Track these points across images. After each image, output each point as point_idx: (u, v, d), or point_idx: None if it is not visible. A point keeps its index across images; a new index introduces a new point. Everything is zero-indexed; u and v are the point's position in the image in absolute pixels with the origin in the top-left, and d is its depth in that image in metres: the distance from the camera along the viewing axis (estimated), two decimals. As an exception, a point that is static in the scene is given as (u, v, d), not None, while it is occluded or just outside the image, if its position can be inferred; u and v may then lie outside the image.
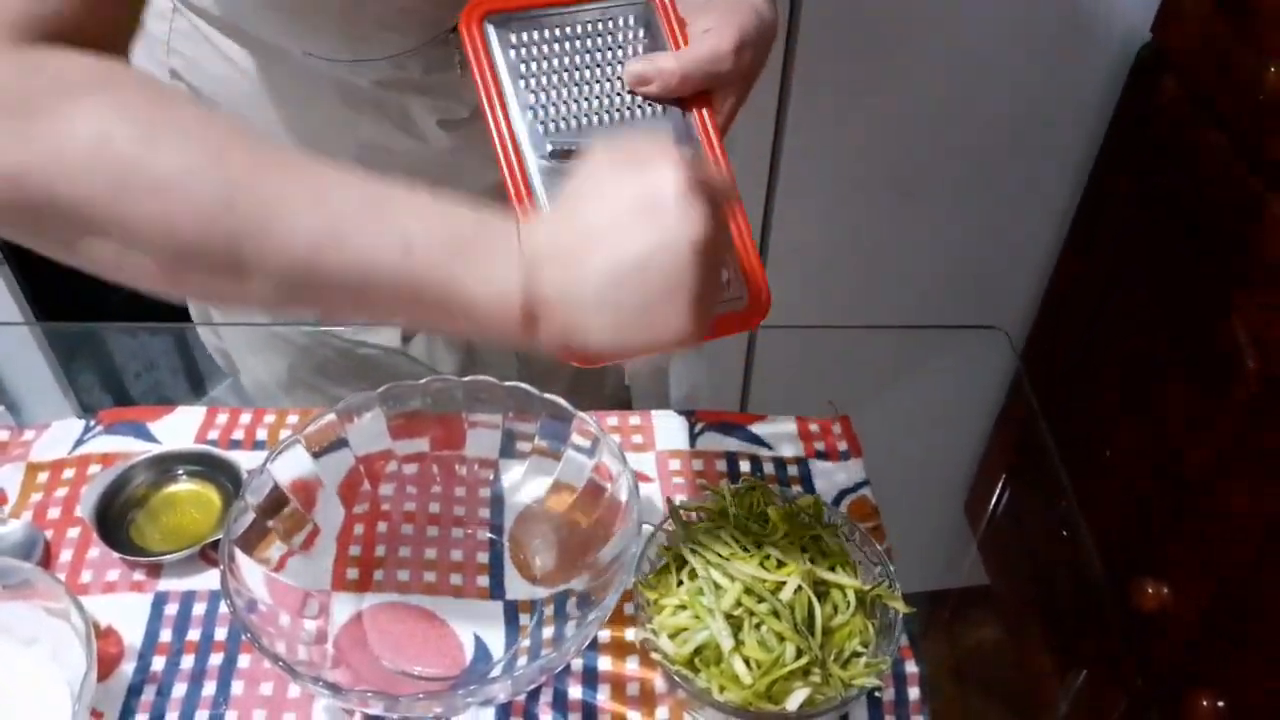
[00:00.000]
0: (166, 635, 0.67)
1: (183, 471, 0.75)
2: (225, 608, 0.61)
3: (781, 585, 0.62)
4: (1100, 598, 0.82)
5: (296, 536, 0.67)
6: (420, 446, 0.72)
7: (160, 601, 0.68)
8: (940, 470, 1.34)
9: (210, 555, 0.70)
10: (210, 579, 0.70)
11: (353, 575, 0.69)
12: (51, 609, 0.60)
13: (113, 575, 0.70)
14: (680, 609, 0.62)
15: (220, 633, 0.67)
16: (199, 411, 0.81)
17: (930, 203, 1.25)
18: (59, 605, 0.60)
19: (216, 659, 0.65)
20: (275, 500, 0.65)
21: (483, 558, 0.71)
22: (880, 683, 0.61)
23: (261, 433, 0.80)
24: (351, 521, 0.71)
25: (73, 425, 0.80)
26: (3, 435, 0.80)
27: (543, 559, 0.71)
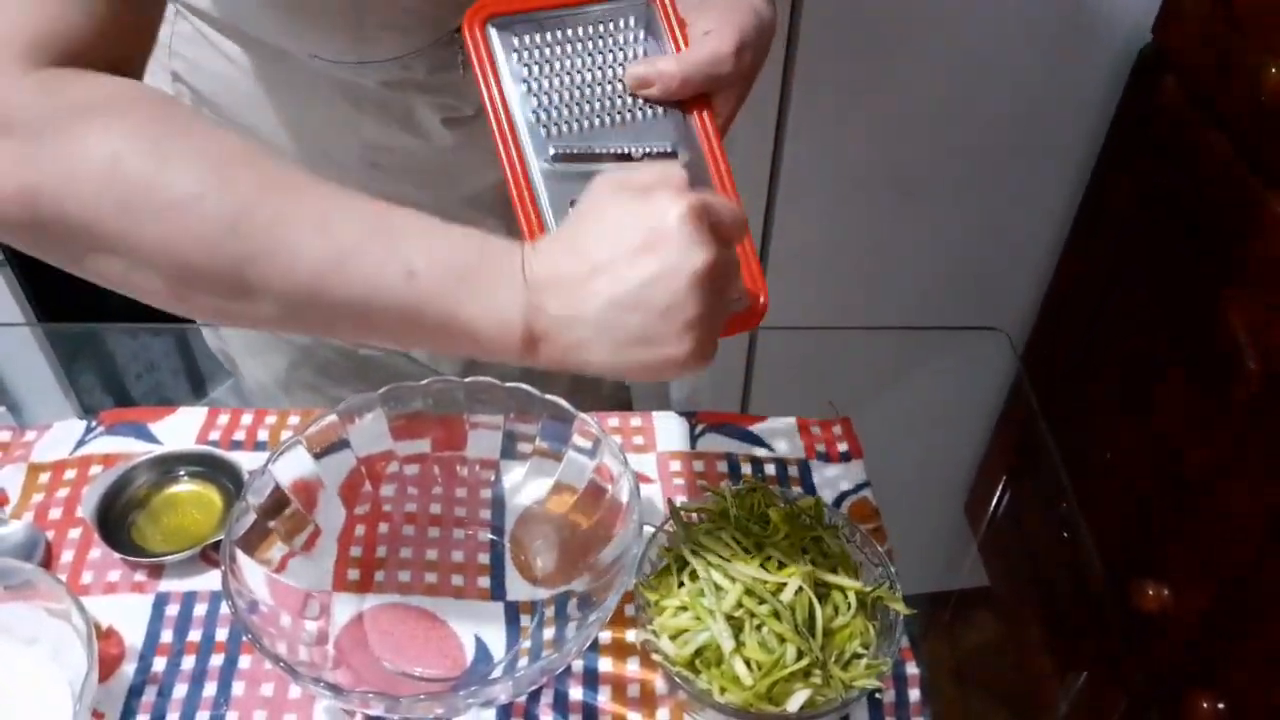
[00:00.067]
0: (167, 636, 0.67)
1: (184, 472, 0.75)
2: (226, 608, 0.61)
3: (782, 586, 0.62)
4: (1100, 598, 0.82)
5: (298, 537, 0.67)
6: (421, 447, 0.72)
7: (161, 602, 0.68)
8: (940, 471, 1.34)
9: (211, 556, 0.71)
10: (211, 580, 0.70)
11: (354, 576, 0.69)
12: (53, 609, 0.60)
13: (114, 576, 0.70)
14: (681, 610, 0.63)
15: (221, 633, 0.67)
16: (200, 412, 0.82)
17: (931, 203, 1.25)
18: (60, 606, 0.60)
19: (217, 660, 0.66)
20: (276, 501, 0.65)
21: (484, 559, 0.71)
22: (881, 684, 0.61)
23: (263, 433, 0.80)
24: (353, 522, 0.71)
25: (74, 426, 0.80)
26: (4, 436, 0.80)
27: (544, 560, 0.71)
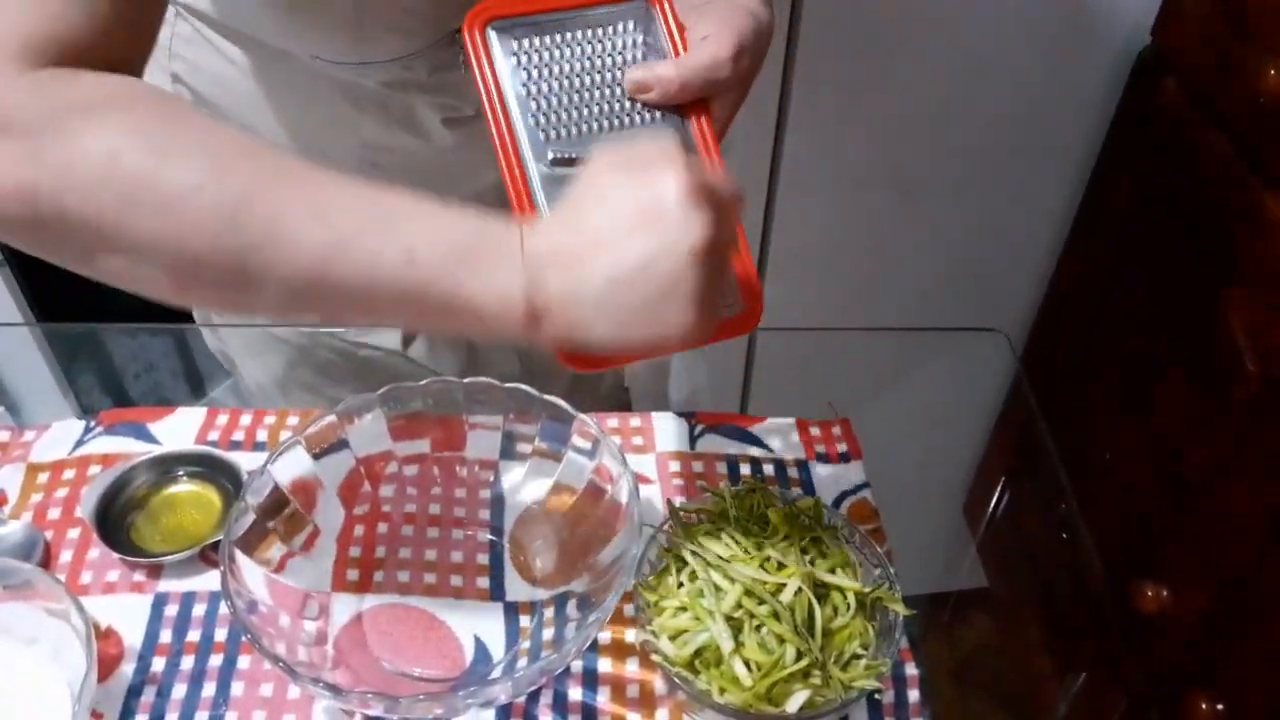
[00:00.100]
0: (166, 636, 0.67)
1: (183, 472, 0.75)
2: (225, 609, 0.61)
3: (782, 587, 0.62)
4: (1100, 599, 0.82)
5: (297, 537, 0.67)
6: (421, 448, 0.72)
7: (160, 602, 0.68)
8: (940, 472, 1.34)
9: (210, 556, 0.70)
10: (210, 580, 0.70)
11: (353, 576, 0.69)
12: (52, 609, 0.60)
13: (113, 576, 0.70)
14: (680, 611, 0.62)
15: (220, 634, 0.67)
16: (199, 412, 0.82)
17: (931, 203, 1.25)
18: (59, 606, 0.60)
19: (216, 660, 0.66)
20: (275, 501, 0.65)
21: (483, 559, 0.71)
22: (880, 685, 0.61)
23: (262, 434, 0.80)
24: (352, 523, 0.71)
25: (73, 426, 0.80)
26: (3, 436, 0.80)
27: (543, 560, 0.71)
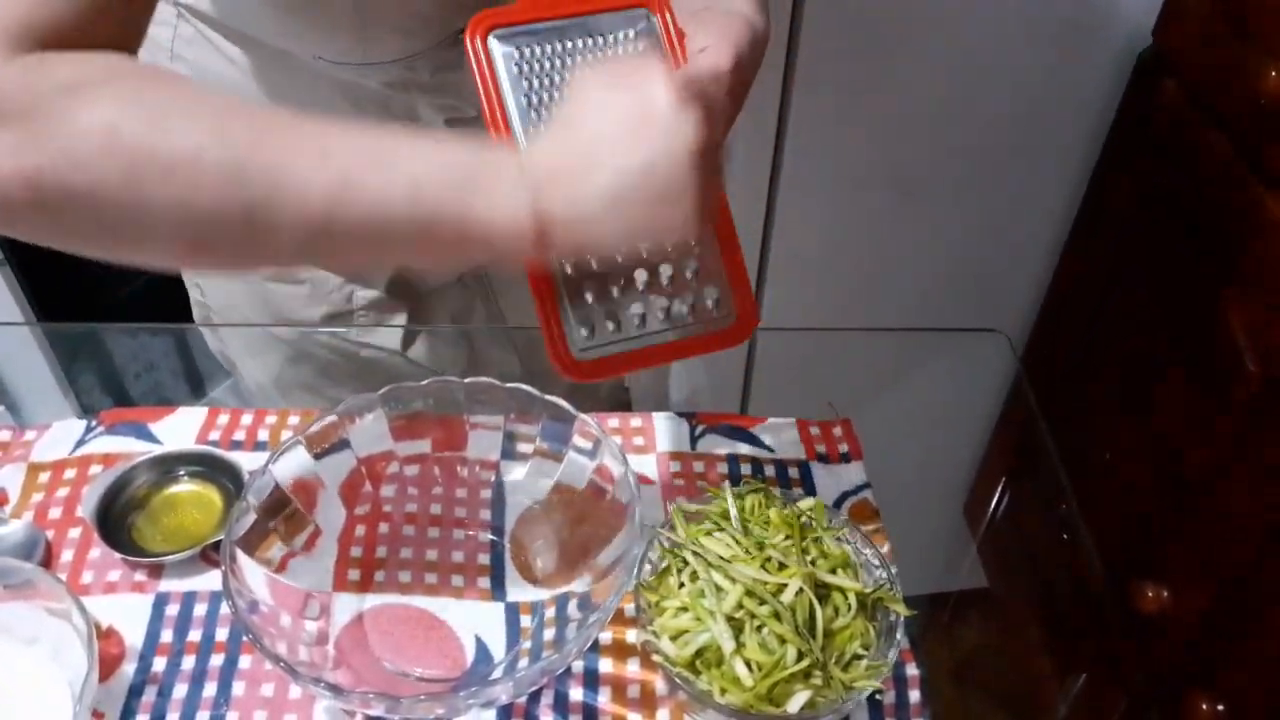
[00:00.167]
0: (168, 636, 0.67)
1: (184, 472, 0.75)
2: (226, 608, 0.61)
3: (783, 588, 0.62)
4: (1100, 599, 0.82)
5: (298, 537, 0.67)
6: (422, 448, 0.72)
7: (161, 602, 0.68)
8: (940, 472, 1.34)
9: (211, 556, 0.71)
10: (211, 580, 0.70)
11: (354, 576, 0.69)
12: (53, 609, 0.60)
13: (114, 576, 0.70)
14: (681, 611, 0.63)
15: (221, 633, 0.67)
16: (200, 412, 0.82)
17: (931, 203, 1.25)
18: (60, 605, 0.60)
19: (218, 660, 0.66)
20: (276, 501, 0.65)
21: (484, 559, 0.71)
22: (881, 685, 0.61)
23: (263, 434, 0.80)
24: (353, 522, 0.71)
25: (74, 426, 0.80)
26: (4, 436, 0.80)
27: (544, 561, 0.71)
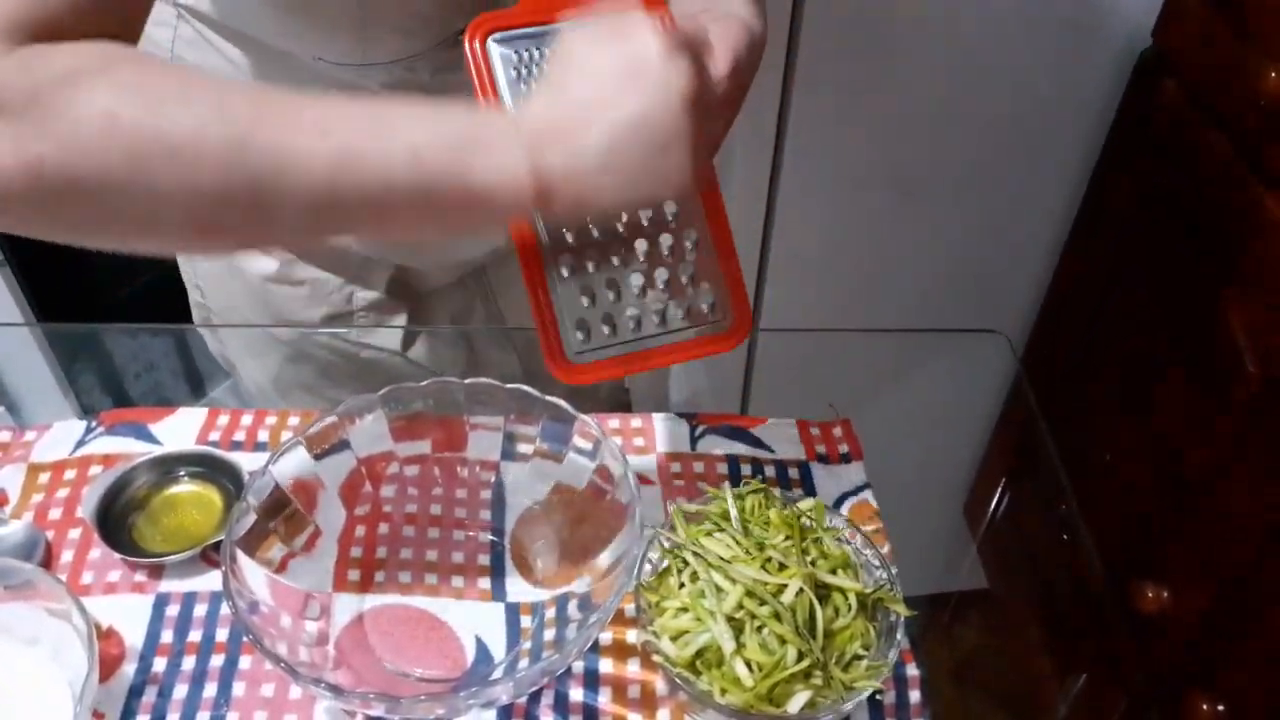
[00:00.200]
0: (168, 636, 0.67)
1: (184, 473, 0.75)
2: (227, 609, 0.61)
3: (783, 588, 0.62)
4: (1100, 599, 0.82)
5: (298, 538, 0.67)
6: (422, 448, 0.72)
7: (162, 602, 0.68)
8: (940, 473, 1.34)
9: (211, 556, 0.71)
10: (212, 580, 0.70)
11: (354, 577, 0.69)
12: (53, 610, 0.60)
13: (114, 576, 0.70)
14: (682, 611, 0.62)
15: (221, 634, 0.67)
16: (200, 413, 0.82)
17: (931, 203, 1.25)
18: (60, 606, 0.60)
19: (218, 660, 0.66)
20: (276, 501, 0.65)
21: (484, 560, 0.71)
22: (881, 685, 0.61)
23: (263, 434, 0.80)
24: (353, 523, 0.71)
25: (74, 426, 0.80)
26: (4, 436, 0.80)
27: (544, 561, 0.71)
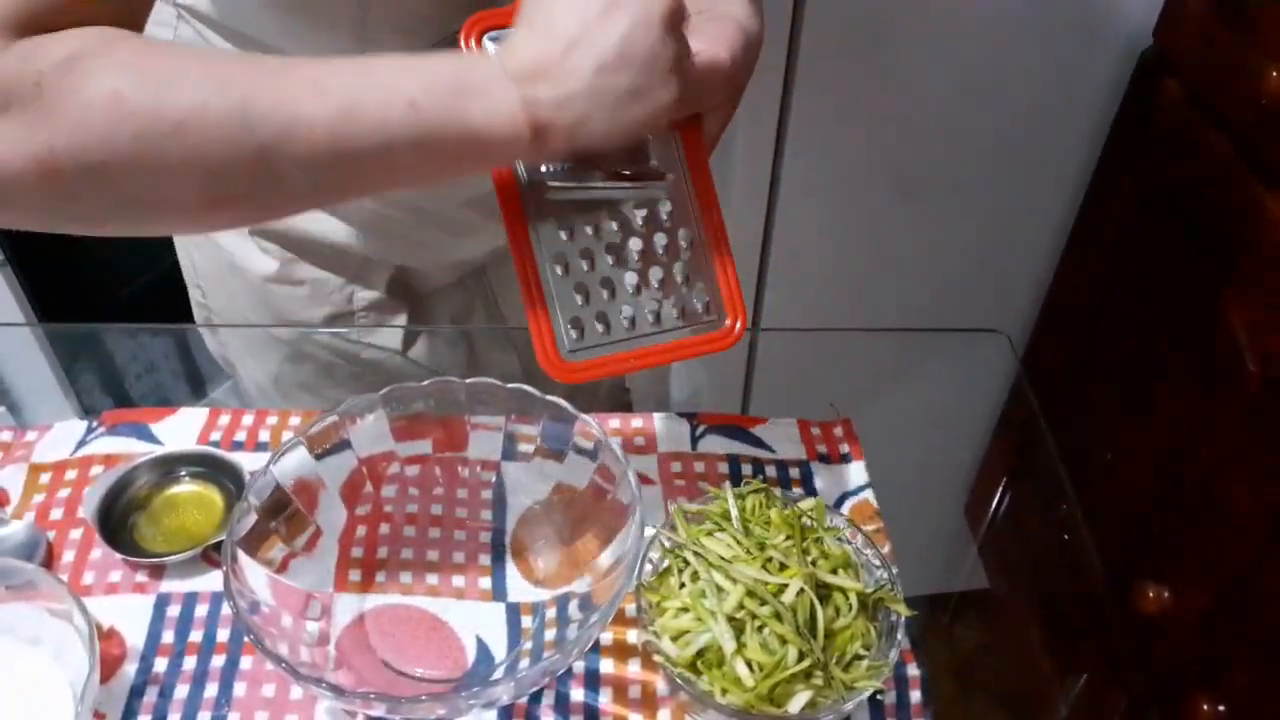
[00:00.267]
0: (169, 636, 0.67)
1: (185, 473, 0.75)
2: (228, 609, 0.61)
3: (784, 588, 0.62)
4: (1100, 600, 0.82)
5: (299, 538, 0.67)
6: (422, 448, 0.72)
7: (163, 603, 0.68)
8: (941, 473, 1.34)
9: (212, 556, 0.71)
10: (213, 580, 0.70)
11: (355, 577, 0.69)
12: (54, 610, 0.60)
13: (115, 576, 0.70)
14: (682, 611, 0.63)
15: (222, 634, 0.67)
16: (201, 413, 0.82)
17: (931, 204, 1.25)
18: (62, 606, 0.60)
19: (219, 660, 0.66)
20: (277, 501, 0.65)
21: (485, 560, 0.72)
22: (882, 685, 0.61)
23: (264, 434, 0.80)
24: (354, 523, 0.71)
25: (75, 426, 0.80)
26: (5, 436, 0.80)
27: (545, 561, 0.71)
